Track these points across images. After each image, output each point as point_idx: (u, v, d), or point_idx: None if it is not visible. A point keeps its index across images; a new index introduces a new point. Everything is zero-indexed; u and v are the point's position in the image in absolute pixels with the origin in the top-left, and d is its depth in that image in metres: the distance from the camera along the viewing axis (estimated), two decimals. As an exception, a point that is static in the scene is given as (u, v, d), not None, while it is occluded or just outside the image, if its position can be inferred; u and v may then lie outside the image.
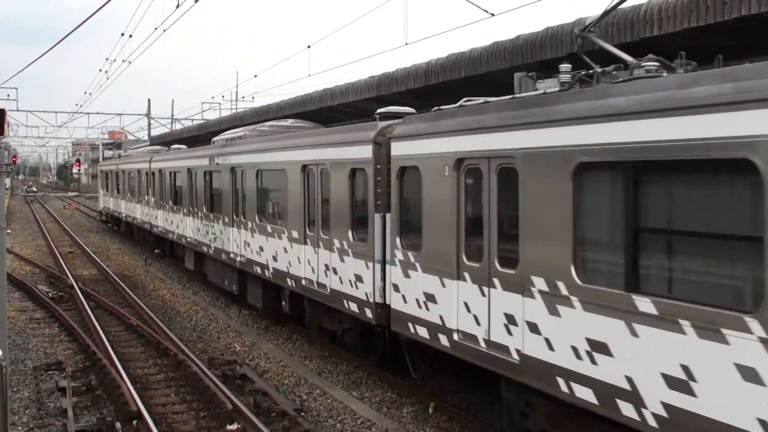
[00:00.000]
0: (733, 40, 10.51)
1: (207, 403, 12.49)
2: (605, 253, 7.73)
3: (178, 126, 65.44)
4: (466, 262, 9.98)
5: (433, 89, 16.96)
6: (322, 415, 12.28)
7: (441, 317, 10.53)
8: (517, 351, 8.89)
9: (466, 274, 9.95)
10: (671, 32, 10.40)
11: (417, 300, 11.14)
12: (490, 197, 9.52)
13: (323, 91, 22.85)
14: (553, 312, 8.26)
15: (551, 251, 8.26)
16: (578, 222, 7.93)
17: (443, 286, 10.45)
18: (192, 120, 65.11)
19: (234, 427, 11.53)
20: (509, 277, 9.04)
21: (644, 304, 7.10)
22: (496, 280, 9.32)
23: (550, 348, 8.32)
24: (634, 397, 7.23)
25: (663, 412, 6.94)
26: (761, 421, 6.03)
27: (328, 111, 22.76)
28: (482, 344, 9.61)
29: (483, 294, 9.59)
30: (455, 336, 10.18)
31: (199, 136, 42.60)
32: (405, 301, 11.50)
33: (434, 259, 10.68)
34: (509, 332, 9.04)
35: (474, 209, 9.94)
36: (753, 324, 6.08)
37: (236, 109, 62.87)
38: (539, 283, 8.46)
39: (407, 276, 11.43)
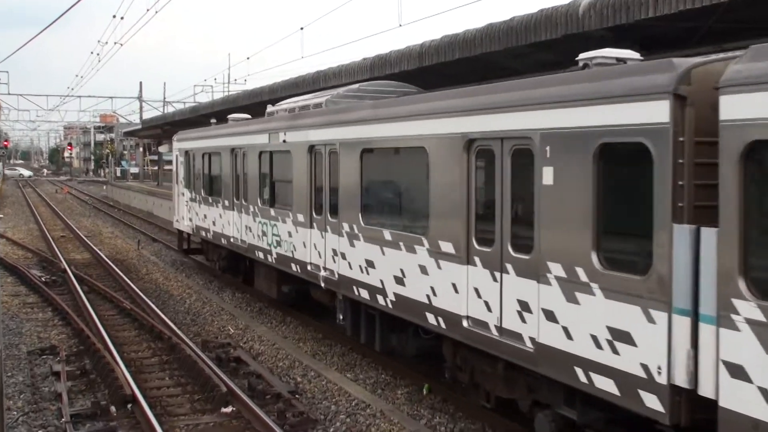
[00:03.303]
0: (729, 22, 10.48)
1: (201, 386, 12.50)
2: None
3: (170, 109, 65.18)
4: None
5: (427, 71, 16.91)
6: (316, 397, 12.30)
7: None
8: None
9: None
10: (667, 14, 10.35)
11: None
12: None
13: (316, 74, 22.77)
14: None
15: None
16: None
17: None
18: (184, 103, 64.88)
19: (229, 409, 11.54)
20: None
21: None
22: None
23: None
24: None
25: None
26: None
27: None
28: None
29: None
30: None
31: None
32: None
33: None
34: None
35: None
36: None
37: (229, 91, 62.67)
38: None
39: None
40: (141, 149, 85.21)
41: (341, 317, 13.89)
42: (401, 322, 11.98)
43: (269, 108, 18.29)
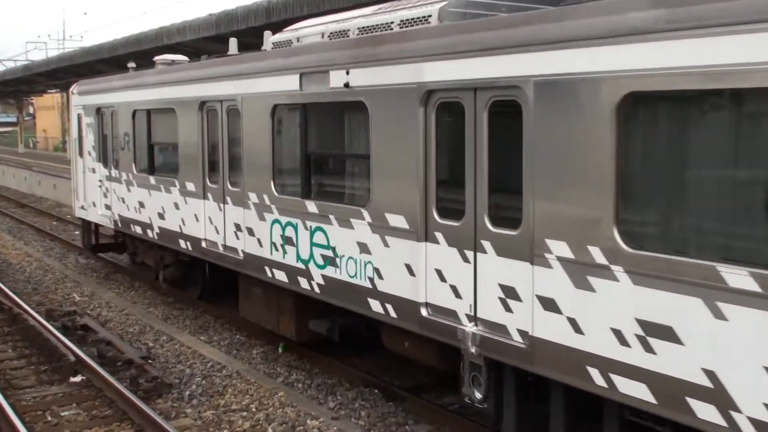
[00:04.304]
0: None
1: (48, 356, 12.04)
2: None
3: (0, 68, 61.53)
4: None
5: (275, 27, 16.70)
6: (170, 361, 12.11)
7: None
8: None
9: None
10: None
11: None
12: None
13: (159, 30, 22.04)
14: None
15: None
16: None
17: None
18: (15, 61, 61.35)
19: (78, 379, 11.18)
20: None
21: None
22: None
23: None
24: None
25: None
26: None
27: (166, 50, 21.99)
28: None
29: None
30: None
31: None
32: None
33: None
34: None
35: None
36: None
37: (64, 48, 59.73)
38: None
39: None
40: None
41: (479, 396, 8.03)
42: None
43: (276, 37, 11.72)
